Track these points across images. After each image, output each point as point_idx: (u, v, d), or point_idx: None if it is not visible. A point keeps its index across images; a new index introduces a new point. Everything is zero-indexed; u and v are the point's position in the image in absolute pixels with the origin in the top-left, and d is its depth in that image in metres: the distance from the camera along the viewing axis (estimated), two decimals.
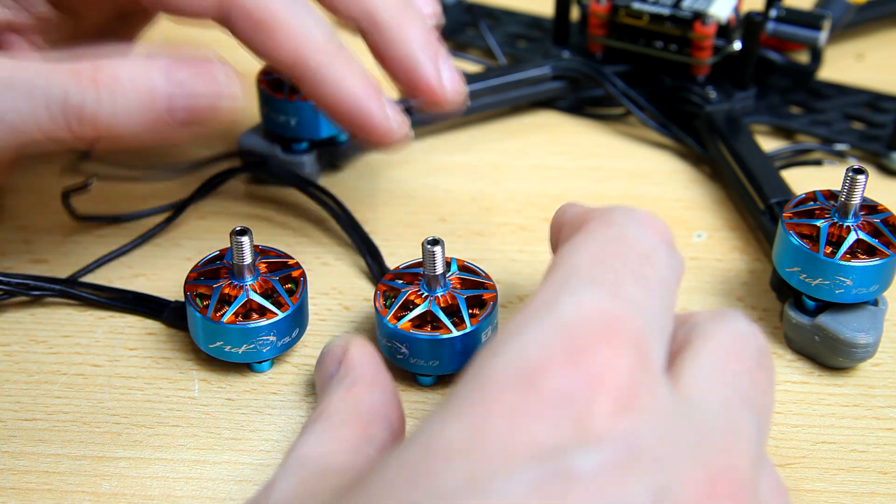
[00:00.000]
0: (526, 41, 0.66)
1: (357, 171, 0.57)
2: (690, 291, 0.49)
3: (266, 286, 0.44)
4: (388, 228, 0.53)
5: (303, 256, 0.50)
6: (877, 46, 0.67)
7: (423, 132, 0.60)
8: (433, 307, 0.43)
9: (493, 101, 0.59)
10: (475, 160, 0.58)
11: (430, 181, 0.56)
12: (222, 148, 0.58)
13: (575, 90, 0.61)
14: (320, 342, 0.47)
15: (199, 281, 0.44)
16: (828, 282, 0.43)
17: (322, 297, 0.49)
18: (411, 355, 0.43)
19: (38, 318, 0.48)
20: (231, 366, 0.45)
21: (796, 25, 0.58)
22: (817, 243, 0.44)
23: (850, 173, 0.43)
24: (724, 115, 0.57)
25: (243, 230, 0.43)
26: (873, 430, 0.43)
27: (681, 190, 0.56)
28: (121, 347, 0.46)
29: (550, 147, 0.59)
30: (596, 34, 0.60)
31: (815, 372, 0.45)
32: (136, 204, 0.54)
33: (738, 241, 0.52)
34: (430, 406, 0.44)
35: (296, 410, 0.44)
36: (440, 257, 0.43)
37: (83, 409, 0.44)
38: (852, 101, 0.60)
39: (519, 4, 0.69)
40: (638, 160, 0.58)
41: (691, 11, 0.57)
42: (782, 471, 0.41)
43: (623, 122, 0.61)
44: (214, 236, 0.52)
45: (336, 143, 0.55)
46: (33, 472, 0.41)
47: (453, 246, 0.52)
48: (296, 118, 0.53)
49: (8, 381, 0.45)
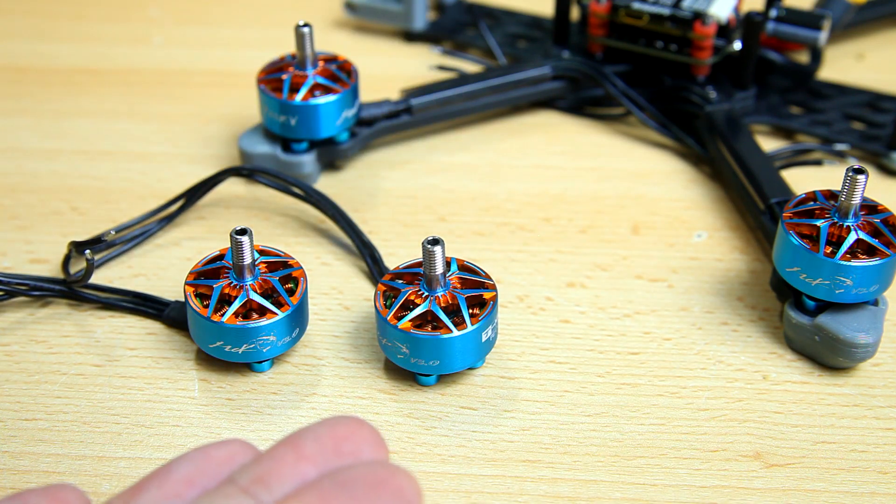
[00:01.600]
0: (526, 41, 0.66)
1: (357, 171, 0.57)
2: (690, 291, 0.49)
3: (266, 286, 0.44)
4: (388, 228, 0.53)
5: (303, 256, 0.50)
6: (877, 46, 0.67)
7: (423, 132, 0.60)
8: (433, 307, 0.43)
9: (493, 101, 0.59)
10: (475, 160, 0.58)
11: (430, 181, 0.56)
12: (222, 148, 0.58)
13: (575, 90, 0.61)
14: (320, 342, 0.47)
15: (199, 281, 0.44)
16: (828, 282, 0.43)
17: (322, 297, 0.49)
18: (412, 355, 0.43)
19: (38, 318, 0.48)
20: (231, 366, 0.45)
21: (796, 25, 0.58)
22: (817, 243, 0.44)
23: (850, 173, 0.43)
24: (724, 115, 0.57)
25: (243, 230, 0.43)
26: (873, 430, 0.43)
27: (681, 190, 0.56)
28: (121, 347, 0.46)
29: (550, 147, 0.59)
30: (596, 34, 0.60)
31: (815, 372, 0.45)
32: (136, 204, 0.54)
33: (738, 241, 0.52)
34: (431, 406, 0.44)
35: (296, 410, 0.44)
36: (440, 257, 0.43)
37: (83, 409, 0.44)
38: (852, 101, 0.60)
39: (519, 4, 0.69)
40: (638, 160, 0.58)
41: (691, 11, 0.57)
42: (782, 471, 0.41)
43: (623, 122, 0.61)
44: (214, 236, 0.52)
45: (336, 143, 0.55)
46: (33, 472, 0.41)
47: (453, 246, 0.52)
48: (296, 118, 0.53)
49: (8, 381, 0.45)
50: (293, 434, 0.30)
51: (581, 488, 0.41)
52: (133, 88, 0.63)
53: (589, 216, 0.54)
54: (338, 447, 0.30)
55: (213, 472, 0.30)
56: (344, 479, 0.29)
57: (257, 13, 0.71)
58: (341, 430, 0.30)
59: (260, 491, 0.28)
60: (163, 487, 0.29)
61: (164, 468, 0.30)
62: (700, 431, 0.43)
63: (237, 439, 0.31)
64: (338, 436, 0.30)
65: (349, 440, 0.30)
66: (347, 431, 0.30)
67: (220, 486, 0.29)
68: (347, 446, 0.30)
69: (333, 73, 0.54)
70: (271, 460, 0.29)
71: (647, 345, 0.47)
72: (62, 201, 0.54)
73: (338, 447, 0.30)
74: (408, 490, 0.29)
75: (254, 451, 0.31)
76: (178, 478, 0.29)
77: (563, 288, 0.50)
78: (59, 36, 0.68)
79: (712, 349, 0.46)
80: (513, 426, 0.43)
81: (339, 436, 0.30)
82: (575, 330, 0.47)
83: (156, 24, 0.70)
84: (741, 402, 0.44)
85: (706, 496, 0.41)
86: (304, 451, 0.29)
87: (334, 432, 0.30)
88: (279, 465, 0.29)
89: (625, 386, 0.45)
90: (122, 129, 0.60)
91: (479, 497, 0.41)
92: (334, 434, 0.30)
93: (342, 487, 0.28)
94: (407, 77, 0.62)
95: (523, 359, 0.46)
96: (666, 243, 0.52)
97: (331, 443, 0.30)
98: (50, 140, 0.59)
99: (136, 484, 0.29)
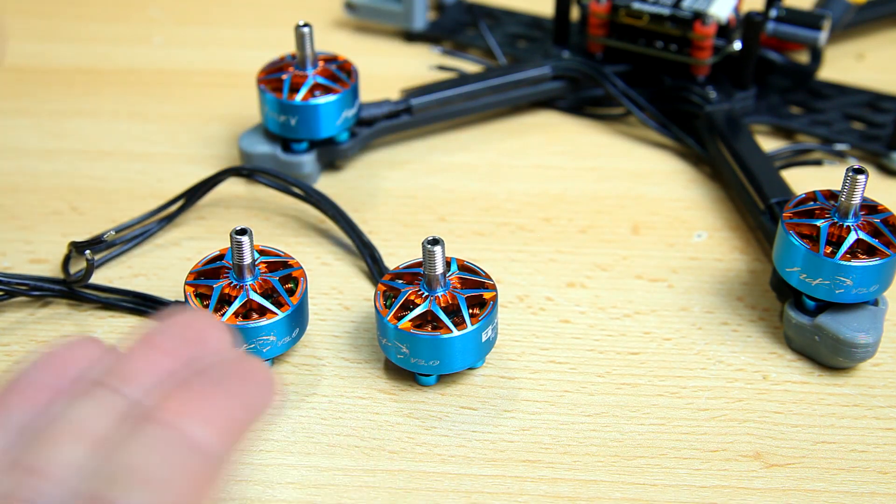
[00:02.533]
0: (526, 41, 0.66)
1: (357, 171, 0.57)
2: (690, 291, 0.49)
3: (266, 286, 0.44)
4: (388, 228, 0.53)
5: (303, 256, 0.50)
6: (877, 46, 0.67)
7: (423, 132, 0.60)
8: (433, 307, 0.43)
9: (493, 101, 0.59)
10: (475, 160, 0.58)
11: (430, 181, 0.56)
12: (222, 148, 0.58)
13: (575, 90, 0.61)
14: (320, 342, 0.47)
15: (199, 281, 0.44)
16: (828, 282, 0.43)
17: (322, 297, 0.49)
18: (412, 355, 0.43)
19: (38, 318, 0.48)
20: None
21: (796, 25, 0.58)
22: (817, 243, 0.44)
23: (850, 173, 0.43)
24: (724, 115, 0.57)
25: (243, 230, 0.43)
26: (873, 430, 0.43)
27: (681, 190, 0.56)
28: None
29: (550, 147, 0.59)
30: (596, 34, 0.60)
31: (815, 372, 0.45)
32: (135, 204, 0.54)
33: (738, 241, 0.52)
34: (431, 406, 0.44)
35: (296, 410, 0.44)
36: (440, 257, 0.43)
37: None
38: (852, 101, 0.60)
39: (519, 4, 0.69)
40: (638, 160, 0.58)
41: (691, 11, 0.57)
42: (782, 471, 0.41)
43: (623, 122, 0.61)
44: (214, 236, 0.52)
45: (336, 143, 0.55)
46: None
47: (453, 246, 0.52)
48: (296, 118, 0.53)
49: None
50: (143, 330, 0.30)
51: (581, 488, 0.41)
52: (133, 88, 0.63)
53: (589, 216, 0.54)
54: (190, 339, 0.30)
55: (69, 375, 0.29)
56: (204, 369, 0.29)
57: (257, 13, 0.71)
58: (186, 319, 0.31)
59: (122, 386, 0.28)
60: (25, 399, 0.28)
61: (19, 379, 0.29)
62: (700, 431, 0.43)
63: (85, 336, 0.31)
64: (185, 325, 0.30)
65: (194, 328, 0.30)
66: (192, 320, 0.31)
67: (81, 385, 0.28)
68: (192, 333, 0.30)
69: (333, 73, 0.54)
70: (127, 354, 0.29)
71: (647, 345, 0.47)
72: (62, 201, 0.54)
73: (190, 339, 0.30)
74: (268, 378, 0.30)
75: (104, 346, 0.30)
76: (37, 386, 0.29)
77: (563, 288, 0.50)
78: (59, 36, 0.68)
79: (712, 349, 0.46)
80: (513, 426, 0.43)
81: (186, 324, 0.30)
82: (575, 330, 0.47)
83: (156, 24, 0.70)
84: (741, 402, 0.44)
85: (706, 496, 0.41)
86: (157, 343, 0.30)
87: (185, 326, 0.30)
88: (136, 360, 0.29)
89: (625, 386, 0.45)
90: (122, 129, 0.60)
91: (479, 497, 0.41)
92: (181, 324, 0.30)
93: (205, 377, 0.28)
94: (407, 77, 0.62)
95: (523, 359, 0.46)
96: (666, 243, 0.52)
97: (180, 332, 0.30)
98: (50, 140, 0.59)
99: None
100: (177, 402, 0.28)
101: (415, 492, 0.41)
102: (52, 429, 0.27)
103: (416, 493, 0.41)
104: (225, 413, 0.28)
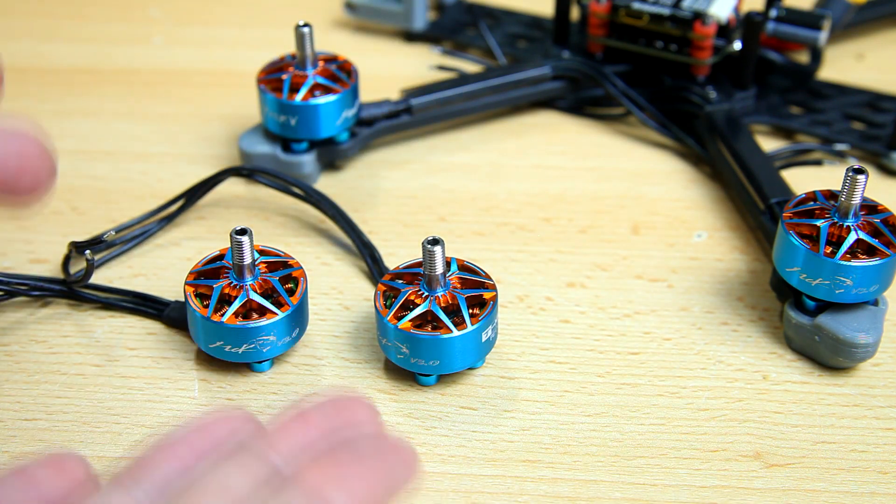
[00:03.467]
0: (526, 41, 0.66)
1: (357, 171, 0.57)
2: (690, 291, 0.49)
3: (266, 286, 0.44)
4: (388, 228, 0.53)
5: (303, 256, 0.50)
6: (877, 46, 0.67)
7: (423, 132, 0.60)
8: (433, 307, 0.43)
9: (493, 101, 0.59)
10: (475, 160, 0.58)
11: (430, 181, 0.56)
12: (222, 148, 0.58)
13: (575, 90, 0.61)
14: (320, 342, 0.47)
15: (199, 281, 0.44)
16: (828, 282, 0.43)
17: (322, 297, 0.49)
18: (412, 355, 0.43)
19: (38, 318, 0.48)
20: (231, 366, 0.45)
21: (796, 25, 0.58)
22: (817, 243, 0.44)
23: (850, 173, 0.43)
24: (724, 115, 0.57)
25: (243, 230, 0.43)
26: (873, 430, 0.43)
27: (681, 190, 0.56)
28: (121, 347, 0.46)
29: (550, 147, 0.59)
30: (596, 34, 0.60)
31: (815, 372, 0.45)
32: (135, 204, 0.54)
33: (738, 241, 0.52)
34: (431, 406, 0.44)
35: None
36: (440, 257, 0.43)
37: (83, 409, 0.44)
38: (852, 101, 0.60)
39: (519, 4, 0.69)
40: (638, 160, 0.58)
41: (691, 11, 0.57)
42: (782, 471, 0.41)
43: (623, 122, 0.61)
44: (214, 236, 0.52)
45: (336, 143, 0.55)
46: None
47: (453, 246, 0.52)
48: (296, 118, 0.53)
49: (8, 381, 0.45)
50: (296, 405, 0.31)
51: (581, 488, 0.41)
52: (133, 88, 0.63)
53: (589, 216, 0.54)
54: (340, 416, 0.31)
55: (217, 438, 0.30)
56: (349, 441, 0.29)
57: (257, 13, 0.71)
58: (342, 402, 0.31)
59: (267, 450, 0.29)
60: (172, 459, 0.29)
61: (167, 439, 0.30)
62: (700, 431, 0.43)
63: (239, 410, 0.31)
64: (339, 406, 0.31)
65: (349, 410, 0.31)
66: (344, 399, 0.31)
67: (227, 448, 0.29)
68: (348, 415, 0.31)
69: (333, 73, 0.54)
70: (276, 424, 0.30)
71: (647, 345, 0.47)
72: (62, 201, 0.54)
73: (340, 416, 0.31)
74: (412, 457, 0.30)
75: (254, 417, 0.31)
76: (184, 447, 0.29)
77: (563, 288, 0.50)
78: (59, 36, 0.68)
79: (712, 349, 0.46)
80: (513, 426, 0.43)
81: (341, 406, 0.31)
82: (575, 330, 0.47)
83: (156, 24, 0.70)
84: (741, 402, 0.44)
85: (706, 496, 0.41)
86: (306, 417, 0.30)
87: (336, 404, 0.31)
88: (284, 428, 0.30)
89: (625, 386, 0.45)
90: (122, 129, 0.60)
91: (479, 497, 0.41)
92: (336, 406, 0.31)
93: (351, 449, 0.29)
94: (407, 77, 0.62)
95: (523, 359, 0.46)
96: (666, 243, 0.52)
97: (334, 412, 0.31)
98: (50, 140, 0.59)
99: (140, 458, 0.29)
100: (320, 469, 0.28)
101: (415, 492, 0.41)
102: (195, 488, 0.28)
103: (416, 493, 0.41)
104: (366, 485, 0.28)
